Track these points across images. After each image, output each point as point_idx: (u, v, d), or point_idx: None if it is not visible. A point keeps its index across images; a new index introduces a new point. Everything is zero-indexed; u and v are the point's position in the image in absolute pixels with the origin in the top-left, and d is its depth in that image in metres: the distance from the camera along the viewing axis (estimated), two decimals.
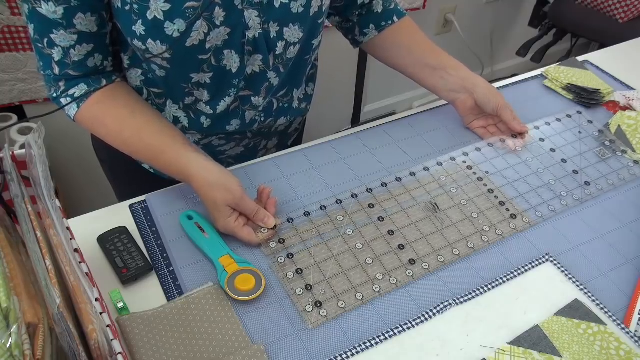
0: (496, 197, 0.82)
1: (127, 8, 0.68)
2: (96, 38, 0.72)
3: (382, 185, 0.82)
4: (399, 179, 0.83)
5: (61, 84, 0.74)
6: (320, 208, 0.78)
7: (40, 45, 0.70)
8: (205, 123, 0.83)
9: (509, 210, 0.80)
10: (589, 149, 0.92)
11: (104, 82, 0.76)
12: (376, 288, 0.68)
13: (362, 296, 0.67)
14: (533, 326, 0.65)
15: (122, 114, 0.75)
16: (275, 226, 0.73)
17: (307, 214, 0.77)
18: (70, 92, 0.74)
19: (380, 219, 0.77)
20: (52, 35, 0.69)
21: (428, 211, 0.79)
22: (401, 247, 0.73)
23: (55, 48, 0.70)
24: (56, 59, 0.71)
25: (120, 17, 0.70)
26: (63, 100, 0.75)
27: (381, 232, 0.75)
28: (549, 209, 0.81)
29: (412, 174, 0.84)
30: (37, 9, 0.66)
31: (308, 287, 0.67)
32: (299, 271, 0.69)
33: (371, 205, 0.78)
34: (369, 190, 0.81)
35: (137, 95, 0.79)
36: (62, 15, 0.67)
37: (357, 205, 0.78)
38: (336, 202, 0.79)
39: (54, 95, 0.75)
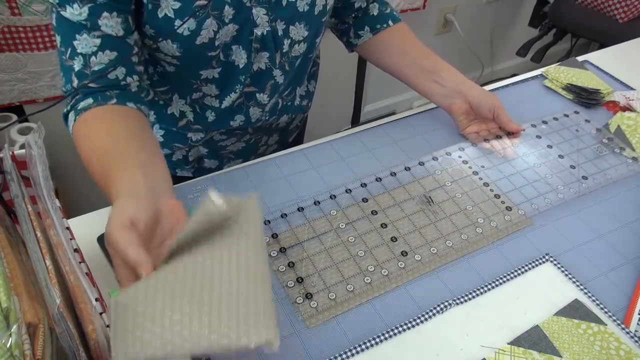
0: (491, 190, 0.82)
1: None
2: (121, 45, 0.68)
3: (376, 180, 0.83)
4: (393, 174, 0.84)
5: (75, 99, 0.68)
6: (314, 203, 0.78)
7: (64, 57, 0.67)
8: (210, 117, 0.84)
9: (504, 202, 0.80)
10: (587, 146, 0.92)
11: (114, 100, 0.68)
12: (367, 279, 0.68)
13: (352, 287, 0.67)
14: (533, 326, 0.65)
15: (97, 139, 0.65)
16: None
17: (300, 209, 0.77)
18: (77, 105, 0.68)
19: (374, 212, 0.77)
20: (75, 42, 0.66)
21: (422, 204, 0.79)
22: (394, 239, 0.74)
23: (77, 57, 0.67)
24: (76, 69, 0.67)
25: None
26: (70, 115, 0.69)
27: (374, 225, 0.75)
28: (545, 202, 0.81)
29: (407, 169, 0.85)
30: (62, 12, 0.65)
31: (308, 296, 0.67)
32: (299, 280, 0.68)
33: (365, 200, 0.79)
34: (363, 185, 0.82)
35: (128, 120, 0.68)
36: (86, 16, 0.64)
37: (351, 200, 0.79)
38: (330, 197, 0.79)
39: (64, 111, 0.70)
